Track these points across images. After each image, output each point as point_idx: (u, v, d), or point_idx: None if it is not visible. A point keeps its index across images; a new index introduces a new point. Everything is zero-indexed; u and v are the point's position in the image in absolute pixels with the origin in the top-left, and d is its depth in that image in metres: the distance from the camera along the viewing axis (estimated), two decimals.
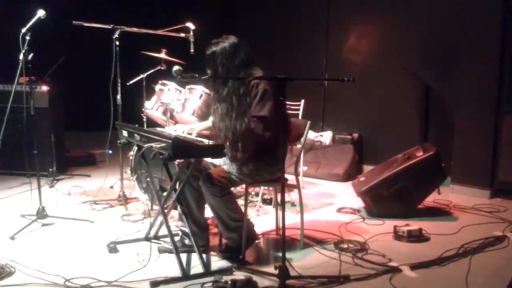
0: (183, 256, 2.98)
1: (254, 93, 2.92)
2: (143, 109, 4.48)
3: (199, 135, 3.16)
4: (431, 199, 4.47)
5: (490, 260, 3.13)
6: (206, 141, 2.81)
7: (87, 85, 6.69)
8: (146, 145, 2.75)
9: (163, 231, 3.26)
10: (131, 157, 4.30)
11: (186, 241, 3.15)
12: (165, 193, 3.17)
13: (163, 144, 2.63)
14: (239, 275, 2.70)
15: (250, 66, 3.01)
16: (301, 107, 5.06)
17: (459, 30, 4.87)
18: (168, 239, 3.05)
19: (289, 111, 4.95)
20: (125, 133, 3.15)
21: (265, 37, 6.59)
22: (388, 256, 3.13)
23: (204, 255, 2.97)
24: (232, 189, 3.15)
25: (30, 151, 3.75)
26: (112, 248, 3.18)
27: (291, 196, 4.42)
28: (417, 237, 3.48)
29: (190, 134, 3.12)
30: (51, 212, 3.76)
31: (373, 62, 5.81)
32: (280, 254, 2.57)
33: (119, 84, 4.16)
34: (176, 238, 3.10)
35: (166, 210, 3.09)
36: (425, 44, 5.34)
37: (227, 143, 2.94)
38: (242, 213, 3.03)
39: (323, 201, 4.60)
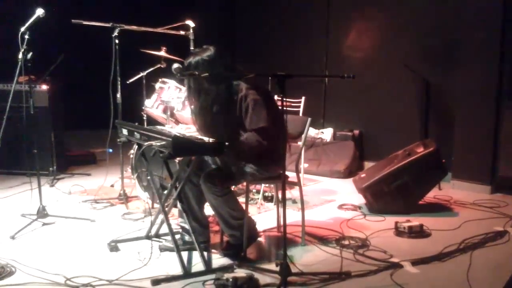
0: (184, 254, 2.98)
1: (245, 107, 2.86)
2: (143, 108, 4.47)
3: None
4: (432, 195, 4.46)
5: (491, 255, 3.13)
6: (206, 139, 2.80)
7: (87, 83, 6.68)
8: (146, 144, 2.75)
9: (164, 229, 3.26)
10: (131, 156, 4.29)
11: (187, 238, 3.15)
12: (165, 191, 3.16)
13: (163, 142, 2.62)
14: (241, 272, 2.69)
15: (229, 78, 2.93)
16: (302, 104, 5.06)
17: (459, 26, 4.86)
18: (169, 237, 3.05)
19: (290, 108, 4.96)
20: (125, 131, 3.14)
21: (265, 34, 6.58)
22: (389, 252, 3.13)
23: (205, 253, 2.98)
24: (232, 187, 3.14)
25: (30, 150, 3.74)
26: (113, 246, 3.17)
27: (292, 193, 4.42)
28: (418, 233, 3.49)
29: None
30: (52, 211, 3.76)
31: (373, 59, 5.80)
32: (281, 251, 2.56)
33: (119, 83, 4.15)
34: (177, 236, 3.09)
35: (166, 208, 3.09)
36: (425, 40, 5.33)
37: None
38: (243, 211, 3.03)
39: (324, 198, 4.60)
